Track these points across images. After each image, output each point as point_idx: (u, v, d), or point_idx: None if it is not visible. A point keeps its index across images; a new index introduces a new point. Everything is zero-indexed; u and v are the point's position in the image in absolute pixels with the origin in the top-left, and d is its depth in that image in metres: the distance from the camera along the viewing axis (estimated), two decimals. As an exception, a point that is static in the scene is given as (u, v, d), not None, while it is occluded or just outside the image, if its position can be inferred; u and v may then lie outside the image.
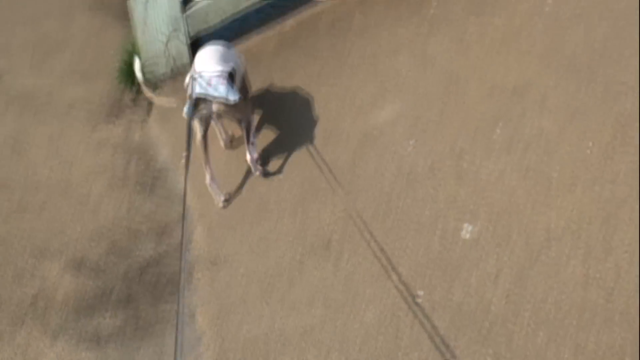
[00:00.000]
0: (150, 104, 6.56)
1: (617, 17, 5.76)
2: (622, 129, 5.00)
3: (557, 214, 4.71)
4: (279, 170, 5.68)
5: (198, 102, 5.42)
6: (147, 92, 6.40)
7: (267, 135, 5.91)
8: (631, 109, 5.10)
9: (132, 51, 6.62)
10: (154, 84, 6.65)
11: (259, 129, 5.95)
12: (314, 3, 7.04)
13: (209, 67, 5.51)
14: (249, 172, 5.72)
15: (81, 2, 7.84)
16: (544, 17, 5.98)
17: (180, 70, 6.61)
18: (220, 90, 5.41)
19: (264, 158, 5.79)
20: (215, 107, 5.45)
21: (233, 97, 5.42)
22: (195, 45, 6.75)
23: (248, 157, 5.65)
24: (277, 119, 6.03)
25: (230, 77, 5.54)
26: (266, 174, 5.69)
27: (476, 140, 5.28)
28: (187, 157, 5.33)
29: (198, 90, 5.40)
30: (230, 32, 6.99)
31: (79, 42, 7.33)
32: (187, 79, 5.60)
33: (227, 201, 5.64)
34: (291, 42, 6.68)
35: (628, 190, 4.65)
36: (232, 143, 5.94)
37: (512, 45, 5.85)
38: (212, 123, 5.66)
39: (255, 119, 5.95)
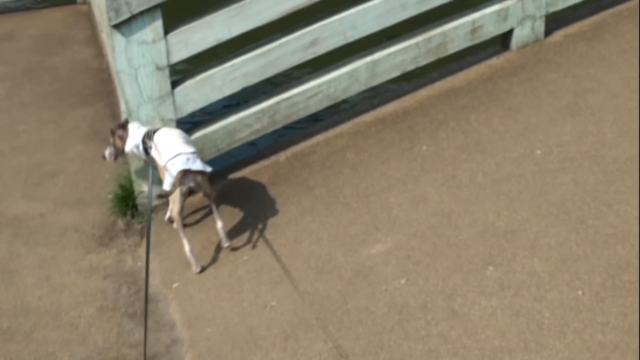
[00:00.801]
0: (142, 231, 6.61)
1: (607, 164, 5.93)
2: (612, 275, 5.08)
3: (548, 358, 4.73)
4: (270, 301, 5.71)
5: (181, 177, 5.89)
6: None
7: (258, 266, 5.95)
8: (622, 255, 5.20)
9: (127, 178, 6.70)
10: (145, 214, 6.73)
11: (250, 258, 6.01)
12: (308, 137, 7.20)
13: (183, 149, 6.03)
14: (240, 301, 5.74)
15: (76, 132, 7.99)
16: (534, 164, 6.15)
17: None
18: (198, 164, 5.98)
19: (256, 287, 5.83)
20: (199, 178, 6.00)
21: (210, 168, 6.10)
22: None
23: (219, 224, 6.11)
24: (268, 250, 6.08)
25: None
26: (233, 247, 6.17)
27: (468, 280, 5.34)
28: (147, 261, 5.62)
29: (183, 166, 5.90)
30: (224, 162, 7.12)
31: (73, 170, 7.42)
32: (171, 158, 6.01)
33: (202, 270, 6.14)
34: (285, 174, 6.80)
35: (619, 337, 4.70)
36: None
37: (502, 189, 5.99)
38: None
39: (247, 248, 6.06)
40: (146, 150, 6.24)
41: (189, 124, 6.94)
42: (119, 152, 6.43)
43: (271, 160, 7.06)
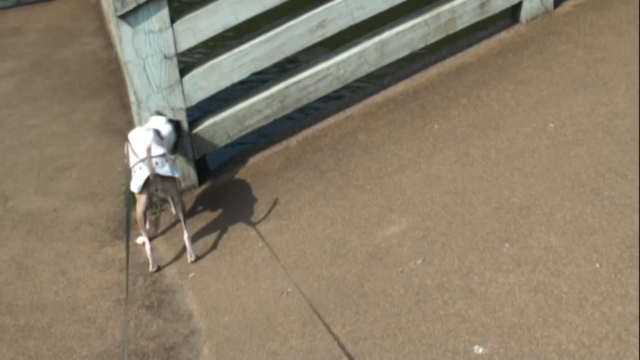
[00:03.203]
0: (156, 222, 6.60)
1: (621, 135, 5.87)
2: (630, 246, 5.03)
3: (568, 332, 4.70)
4: (286, 287, 5.69)
5: (148, 181, 5.90)
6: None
7: (274, 252, 5.93)
8: (638, 226, 5.14)
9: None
10: (159, 205, 6.73)
11: (265, 245, 5.99)
12: (319, 120, 7.16)
13: (153, 151, 5.93)
14: (257, 289, 5.72)
15: (87, 125, 7.97)
16: (547, 138, 6.09)
17: (184, 191, 6.70)
18: (166, 169, 5.93)
19: (272, 274, 5.82)
20: (166, 183, 6.01)
21: (178, 173, 6.08)
22: (199, 163, 6.86)
23: (185, 235, 6.10)
24: (282, 237, 6.06)
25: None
26: (197, 259, 6.16)
27: (484, 258, 5.31)
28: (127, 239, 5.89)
29: (149, 170, 5.87)
30: (235, 149, 7.09)
31: (85, 163, 7.41)
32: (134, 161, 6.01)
33: (158, 270, 6.20)
34: (297, 159, 6.77)
35: (639, 308, 4.66)
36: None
37: (516, 165, 5.94)
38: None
39: (261, 234, 6.05)
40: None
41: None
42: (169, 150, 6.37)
43: (282, 145, 7.03)
